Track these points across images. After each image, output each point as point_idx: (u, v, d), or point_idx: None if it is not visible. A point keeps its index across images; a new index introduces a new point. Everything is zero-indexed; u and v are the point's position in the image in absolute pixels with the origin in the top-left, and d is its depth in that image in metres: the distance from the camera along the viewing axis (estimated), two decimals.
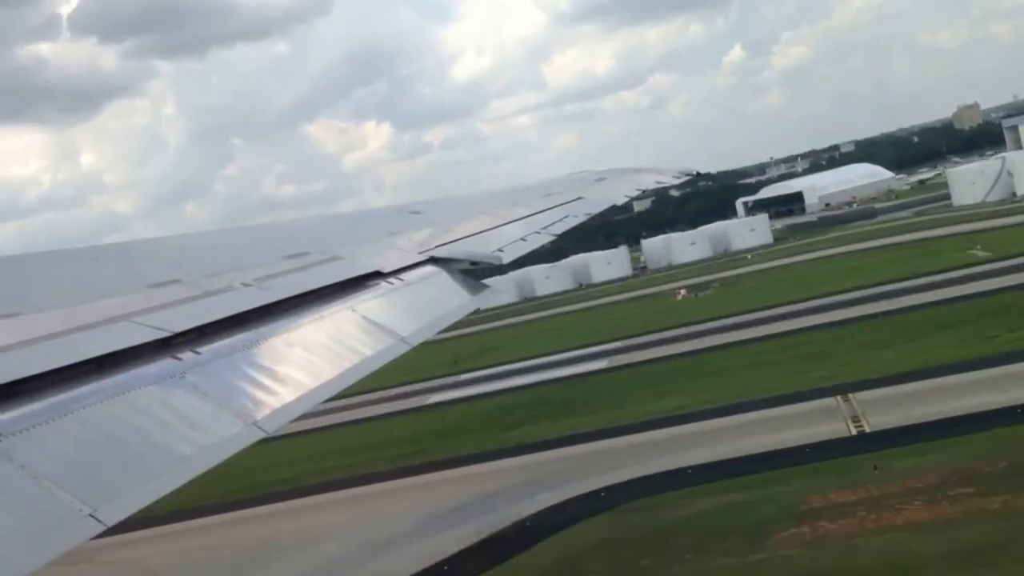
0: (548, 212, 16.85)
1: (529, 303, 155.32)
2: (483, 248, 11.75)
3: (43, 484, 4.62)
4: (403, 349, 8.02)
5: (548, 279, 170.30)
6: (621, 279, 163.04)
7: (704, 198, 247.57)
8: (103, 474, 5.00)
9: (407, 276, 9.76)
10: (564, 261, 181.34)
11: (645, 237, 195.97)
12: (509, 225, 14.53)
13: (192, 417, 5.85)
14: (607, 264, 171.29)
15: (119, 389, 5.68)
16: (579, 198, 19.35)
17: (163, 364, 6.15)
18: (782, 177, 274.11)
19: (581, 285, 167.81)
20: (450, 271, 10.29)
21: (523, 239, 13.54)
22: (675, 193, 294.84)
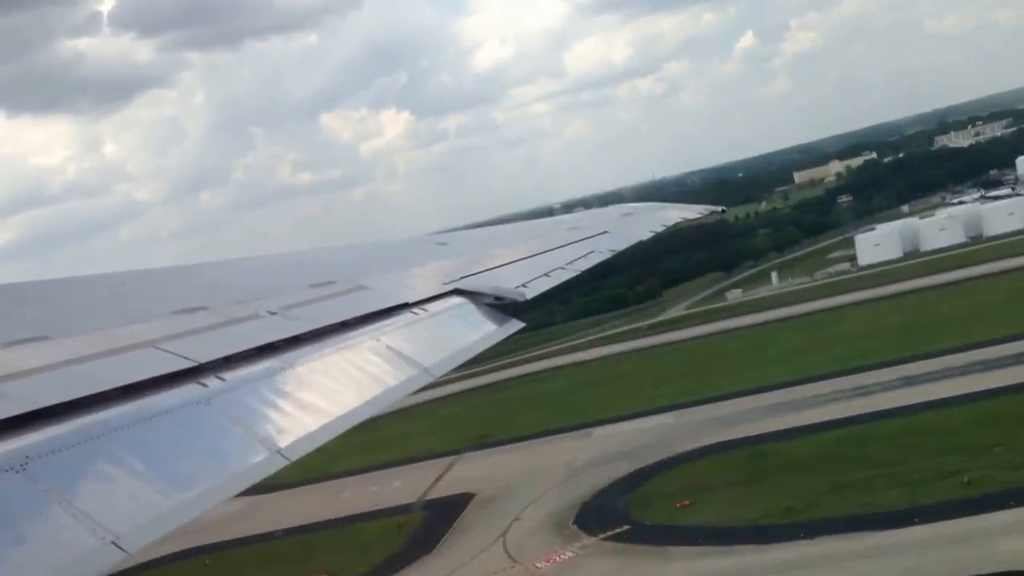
0: (573, 246, 16.82)
1: None
2: (508, 282, 11.73)
3: (67, 509, 4.62)
4: (426, 380, 8.01)
5: (943, 231, 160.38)
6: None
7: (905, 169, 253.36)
8: (126, 500, 4.98)
9: (432, 307, 9.76)
10: (950, 211, 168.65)
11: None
12: (534, 258, 14.50)
13: (216, 444, 5.85)
14: (1008, 215, 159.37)
15: (144, 415, 5.69)
16: (604, 232, 19.32)
17: (188, 390, 6.17)
18: (976, 140, 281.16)
19: (970, 239, 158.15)
20: (475, 303, 10.29)
21: (547, 275, 13.48)
22: (888, 158, 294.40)
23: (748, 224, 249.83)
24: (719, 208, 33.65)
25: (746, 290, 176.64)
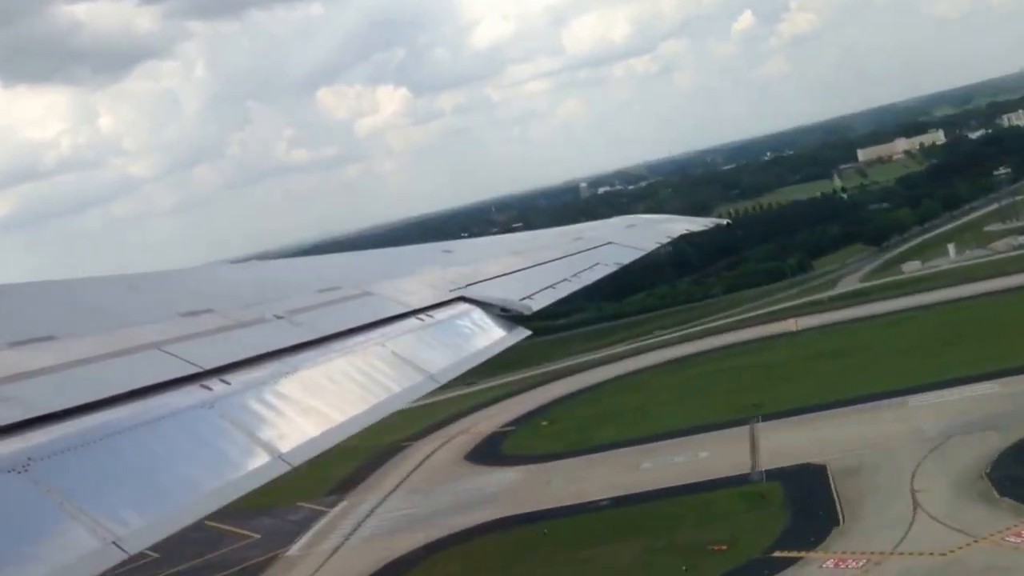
0: (578, 257, 16.81)
1: None
2: (513, 292, 11.73)
3: (69, 510, 4.61)
4: (431, 386, 7.99)
5: None
6: None
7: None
8: (128, 502, 4.97)
9: (437, 314, 9.76)
10: None
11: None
12: (539, 269, 14.50)
13: (219, 448, 5.83)
14: None
15: (147, 417, 5.68)
16: (609, 244, 19.32)
17: (192, 393, 6.15)
18: None
19: None
20: (480, 310, 10.28)
21: (553, 287, 13.47)
22: (974, 133, 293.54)
23: (853, 199, 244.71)
24: (724, 220, 33.99)
25: (924, 262, 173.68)
